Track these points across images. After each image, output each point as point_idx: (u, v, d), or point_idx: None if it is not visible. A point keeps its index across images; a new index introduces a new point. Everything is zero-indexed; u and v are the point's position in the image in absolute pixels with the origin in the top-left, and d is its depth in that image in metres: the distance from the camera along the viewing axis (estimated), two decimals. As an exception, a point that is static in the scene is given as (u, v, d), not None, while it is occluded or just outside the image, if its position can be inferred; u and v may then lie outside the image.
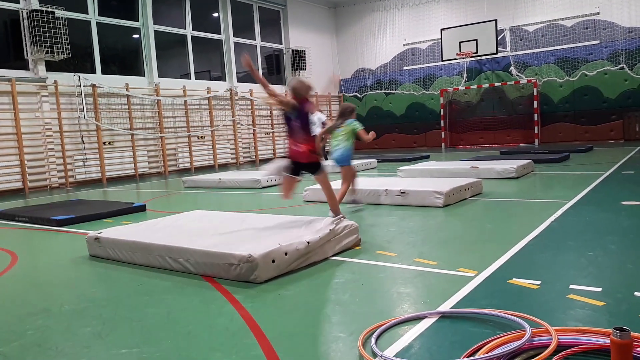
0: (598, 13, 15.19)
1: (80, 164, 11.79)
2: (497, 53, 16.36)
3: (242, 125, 16.10)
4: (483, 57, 16.88)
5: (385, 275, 3.40)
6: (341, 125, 5.88)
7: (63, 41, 10.98)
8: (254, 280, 3.28)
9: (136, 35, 13.61)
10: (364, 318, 2.61)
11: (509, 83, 16.58)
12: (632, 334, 1.89)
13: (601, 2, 15.13)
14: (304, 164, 4.76)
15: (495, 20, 16.16)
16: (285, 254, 3.45)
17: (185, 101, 14.23)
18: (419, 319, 2.54)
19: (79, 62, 12.29)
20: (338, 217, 4.15)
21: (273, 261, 3.36)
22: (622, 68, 14.92)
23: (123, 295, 3.28)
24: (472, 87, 17.43)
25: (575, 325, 2.33)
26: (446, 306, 2.71)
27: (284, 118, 4.87)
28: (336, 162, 6.01)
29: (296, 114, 4.71)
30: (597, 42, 15.25)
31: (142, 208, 6.92)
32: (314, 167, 4.81)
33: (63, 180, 11.47)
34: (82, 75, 11.78)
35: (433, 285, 3.13)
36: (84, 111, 11.75)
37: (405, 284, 3.19)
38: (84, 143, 11.83)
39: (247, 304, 2.93)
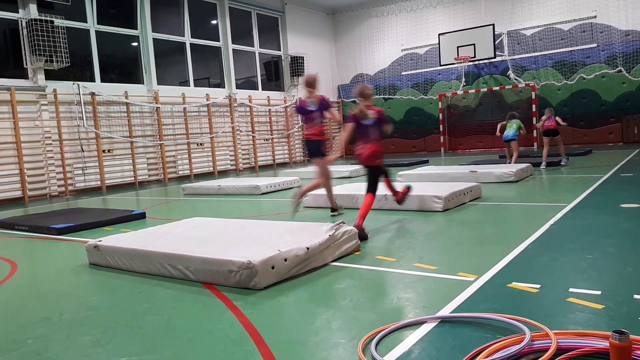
0: (595, 16, 15.26)
1: (80, 172, 11.80)
2: (495, 57, 16.42)
3: (241, 131, 16.13)
4: (481, 62, 16.94)
5: (385, 280, 3.40)
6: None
7: (62, 50, 11.02)
8: (254, 287, 3.28)
9: (135, 43, 13.66)
10: (364, 323, 2.62)
11: (507, 87, 16.63)
12: (631, 336, 1.89)
13: (598, 5, 15.20)
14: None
15: (493, 25, 16.23)
16: (285, 260, 3.45)
17: (185, 108, 14.26)
18: (419, 323, 2.54)
19: (78, 70, 12.33)
20: (338, 222, 4.14)
21: (272, 267, 3.36)
22: (620, 71, 14.97)
23: (123, 303, 3.28)
24: (470, 91, 17.48)
25: (574, 329, 2.34)
26: (446, 311, 2.71)
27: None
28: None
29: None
30: (595, 45, 15.31)
31: (141, 216, 6.92)
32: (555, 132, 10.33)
33: (63, 189, 11.48)
34: (81, 83, 11.82)
35: (433, 290, 3.13)
36: (83, 119, 11.78)
37: (405, 289, 3.19)
38: (83, 151, 11.85)
39: (247, 311, 2.93)
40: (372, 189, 5.04)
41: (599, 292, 2.82)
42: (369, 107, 5.08)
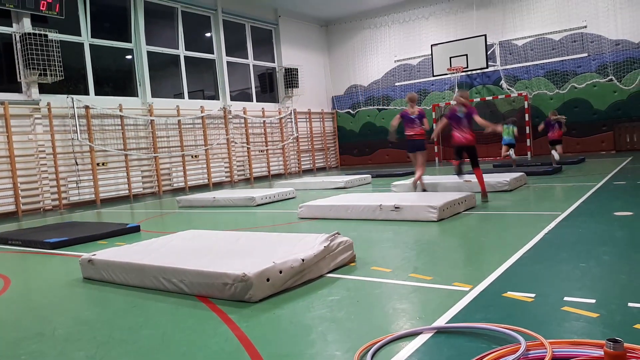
0: (585, 27, 15.44)
1: (74, 185, 11.76)
2: (487, 67, 16.56)
3: (236, 143, 16.14)
4: (474, 72, 17.07)
5: (380, 291, 3.40)
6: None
7: (56, 63, 11.04)
8: (249, 300, 3.27)
9: (129, 56, 13.70)
10: (360, 335, 2.61)
11: (500, 97, 16.75)
12: (626, 345, 1.90)
13: (588, 15, 15.39)
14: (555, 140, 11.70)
15: (485, 35, 16.39)
16: (280, 272, 3.44)
17: (179, 121, 14.27)
18: (414, 334, 2.54)
19: (73, 83, 12.34)
20: (333, 232, 4.14)
21: (268, 280, 3.35)
22: (611, 80, 15.12)
23: (117, 317, 3.26)
24: (463, 101, 17.57)
25: (569, 338, 2.34)
26: (441, 321, 2.71)
27: None
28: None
29: None
30: (586, 54, 15.48)
31: (136, 229, 6.89)
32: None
33: (57, 203, 11.42)
34: (75, 96, 11.82)
35: (428, 301, 3.13)
36: (77, 133, 11.76)
37: (400, 299, 3.19)
38: (77, 164, 11.82)
39: (242, 324, 2.91)
40: (476, 164, 7.41)
41: (593, 301, 2.83)
42: (465, 105, 7.37)
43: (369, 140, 19.91)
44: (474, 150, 7.48)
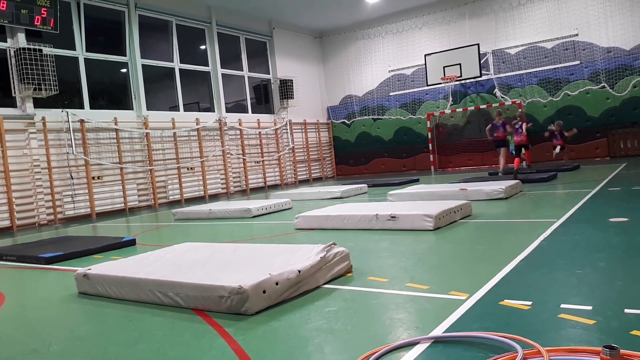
0: (577, 34, 15.60)
1: (69, 199, 11.72)
2: (480, 76, 16.68)
3: (231, 155, 16.15)
4: (467, 81, 17.19)
5: (377, 301, 3.39)
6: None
7: (51, 78, 11.06)
8: (245, 312, 3.25)
9: (124, 70, 13.73)
10: (357, 346, 2.60)
11: (494, 105, 16.84)
12: (622, 351, 1.89)
13: (579, 23, 15.55)
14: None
15: (478, 45, 16.52)
16: (277, 283, 3.43)
17: (175, 133, 14.28)
18: (412, 344, 2.53)
19: (67, 97, 12.35)
20: (329, 243, 4.13)
21: (264, 292, 3.34)
22: (604, 87, 15.24)
23: (113, 332, 3.23)
24: (458, 110, 17.69)
25: (566, 345, 2.33)
26: (439, 330, 2.70)
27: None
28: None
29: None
30: (578, 62, 15.61)
31: (131, 242, 6.86)
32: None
33: (52, 217, 11.37)
34: (70, 110, 11.82)
35: (425, 310, 3.12)
36: (72, 146, 11.75)
37: (397, 309, 3.18)
38: (72, 178, 11.79)
39: (239, 337, 2.90)
40: (518, 155, 12.02)
41: (589, 307, 2.83)
42: (521, 120, 12.51)
43: (364, 150, 19.96)
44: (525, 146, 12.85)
